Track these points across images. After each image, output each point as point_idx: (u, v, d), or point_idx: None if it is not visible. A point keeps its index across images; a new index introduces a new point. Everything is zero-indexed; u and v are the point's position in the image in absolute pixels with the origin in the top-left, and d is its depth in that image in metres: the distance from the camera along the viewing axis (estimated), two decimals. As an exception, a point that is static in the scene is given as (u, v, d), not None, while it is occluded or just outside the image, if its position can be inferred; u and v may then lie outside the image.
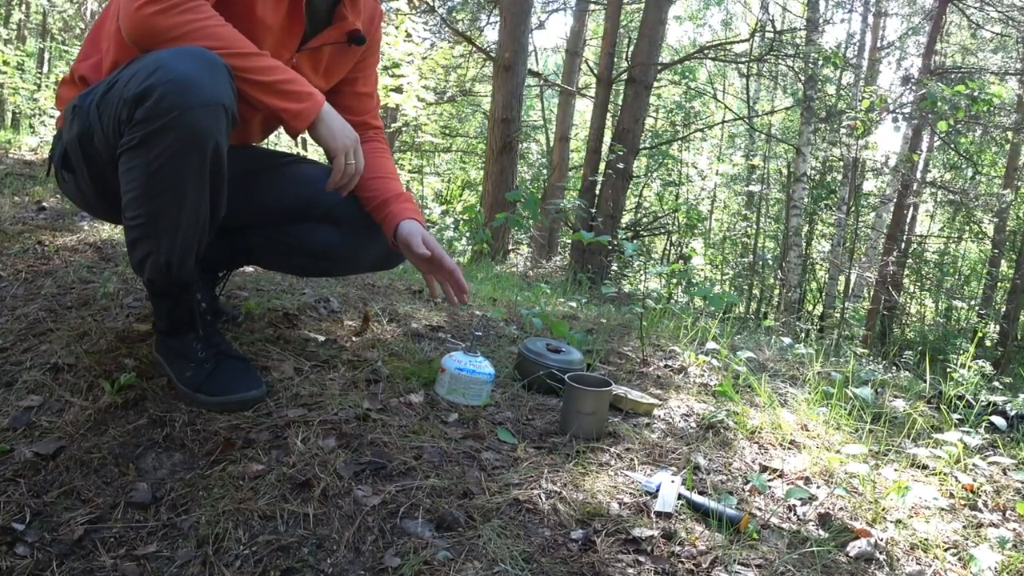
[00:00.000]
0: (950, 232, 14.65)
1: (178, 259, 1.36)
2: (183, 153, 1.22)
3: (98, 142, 1.30)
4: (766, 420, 1.70)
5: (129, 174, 1.26)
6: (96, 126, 1.29)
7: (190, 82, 1.18)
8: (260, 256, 1.77)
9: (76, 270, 2.07)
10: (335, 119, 1.40)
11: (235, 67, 1.27)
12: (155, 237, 1.32)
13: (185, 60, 1.20)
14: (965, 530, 1.35)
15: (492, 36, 10.94)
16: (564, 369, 1.69)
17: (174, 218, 1.29)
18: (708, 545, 1.17)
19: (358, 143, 1.44)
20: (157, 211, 1.29)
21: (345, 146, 1.41)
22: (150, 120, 1.19)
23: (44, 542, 1.12)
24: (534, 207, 4.02)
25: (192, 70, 1.19)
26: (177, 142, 1.21)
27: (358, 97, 1.69)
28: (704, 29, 17.57)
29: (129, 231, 1.34)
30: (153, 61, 1.20)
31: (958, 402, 2.00)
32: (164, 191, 1.26)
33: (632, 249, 2.45)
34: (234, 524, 1.15)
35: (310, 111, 1.35)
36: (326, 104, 1.39)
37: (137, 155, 1.23)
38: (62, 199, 2.98)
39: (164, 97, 1.18)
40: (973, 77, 8.41)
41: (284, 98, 1.33)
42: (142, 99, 1.19)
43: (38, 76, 11.32)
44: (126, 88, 1.21)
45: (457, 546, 1.12)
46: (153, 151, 1.22)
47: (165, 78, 1.18)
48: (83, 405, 1.41)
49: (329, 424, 1.40)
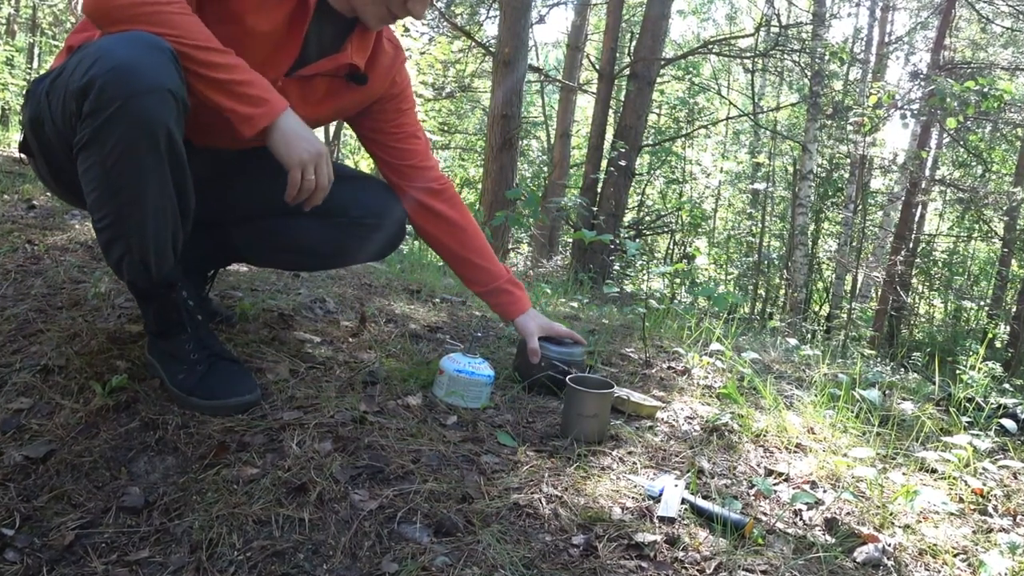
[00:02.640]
0: (959, 231, 14.64)
1: (155, 256, 1.33)
2: (134, 144, 1.19)
3: (49, 131, 1.29)
4: (771, 423, 1.70)
5: (87, 175, 1.24)
6: (46, 115, 1.27)
7: (130, 69, 1.15)
8: (246, 253, 1.76)
9: (67, 270, 2.07)
10: (293, 128, 1.32)
11: (186, 57, 1.22)
12: (125, 236, 1.29)
13: (125, 46, 1.17)
14: (975, 535, 1.35)
15: (492, 31, 10.94)
16: (566, 360, 1.69)
17: (140, 214, 1.27)
18: (712, 551, 1.17)
19: (322, 157, 1.36)
20: (121, 209, 1.26)
21: (301, 160, 1.33)
22: (96, 113, 1.17)
23: (34, 547, 1.12)
24: (535, 205, 4.02)
25: (132, 56, 1.16)
26: (126, 133, 1.18)
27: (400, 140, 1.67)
28: (708, 23, 17.57)
29: (100, 233, 1.32)
30: (95, 50, 1.18)
31: (967, 404, 2.00)
32: (124, 187, 1.23)
33: (635, 248, 2.45)
34: (228, 529, 1.15)
35: (261, 117, 1.28)
36: (286, 113, 1.32)
37: (91, 153, 1.21)
38: (52, 197, 2.98)
39: (105, 88, 1.15)
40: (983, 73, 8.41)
41: (235, 99, 1.27)
42: (85, 91, 1.16)
43: (28, 71, 11.32)
44: (71, 78, 1.19)
45: (456, 551, 1.12)
46: (105, 147, 1.19)
47: (105, 67, 1.15)
48: (74, 408, 1.41)
49: (325, 427, 1.40)
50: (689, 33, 18.62)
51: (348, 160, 10.60)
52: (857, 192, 11.93)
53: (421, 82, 7.59)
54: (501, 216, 3.49)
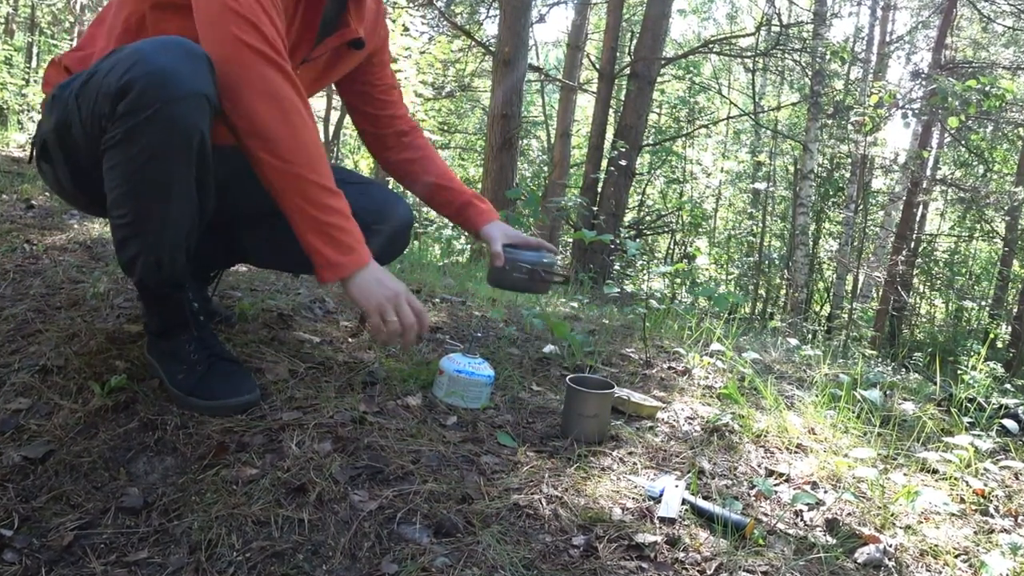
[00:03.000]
0: (961, 231, 14.65)
1: (169, 257, 1.35)
2: (167, 147, 1.22)
3: (76, 134, 1.30)
4: (772, 423, 1.70)
5: (113, 171, 1.25)
6: (74, 118, 1.28)
7: (171, 74, 1.17)
8: (252, 254, 1.77)
9: (65, 270, 2.07)
10: (372, 278, 1.36)
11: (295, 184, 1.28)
12: (143, 235, 1.31)
13: (166, 51, 1.19)
14: (976, 536, 1.35)
15: (491, 30, 10.94)
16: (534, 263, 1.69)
17: (162, 214, 1.29)
18: (713, 551, 1.17)
19: (400, 296, 1.38)
20: (144, 208, 1.28)
21: (379, 304, 1.36)
22: (131, 114, 1.18)
23: (33, 548, 1.12)
24: (535, 205, 4.02)
25: (172, 61, 1.18)
26: (161, 136, 1.20)
27: (383, 91, 1.75)
28: (709, 23, 17.58)
29: (116, 230, 1.33)
30: (132, 53, 1.19)
31: (969, 405, 2.00)
32: (150, 187, 1.26)
33: (635, 248, 2.45)
34: (227, 530, 1.15)
35: (344, 267, 1.32)
36: (369, 265, 1.35)
37: (120, 152, 1.23)
38: (51, 197, 2.99)
39: (145, 91, 1.17)
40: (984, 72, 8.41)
41: (326, 241, 1.31)
42: (123, 93, 1.18)
43: (26, 71, 11.32)
44: (105, 81, 1.20)
45: (456, 552, 1.12)
46: (136, 146, 1.21)
47: (145, 70, 1.17)
48: (73, 408, 1.41)
49: (324, 427, 1.40)
50: (689, 32, 18.63)
51: (347, 160, 10.60)
52: (858, 192, 11.93)
53: (421, 81, 7.59)
54: (502, 216, 3.49)
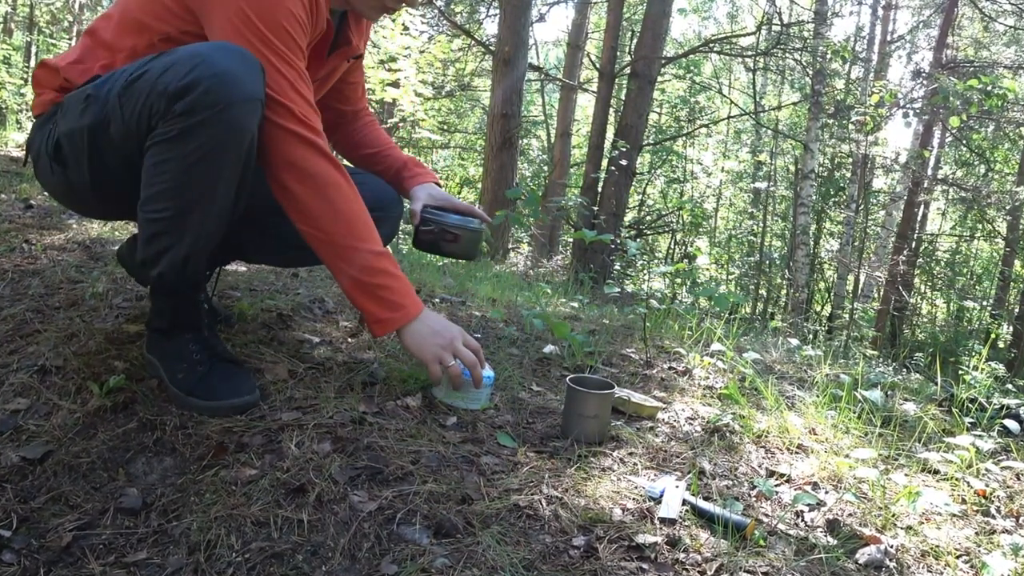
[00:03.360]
0: (962, 231, 14.65)
1: (197, 255, 1.38)
2: (222, 148, 1.25)
3: (115, 132, 1.31)
4: (773, 424, 1.71)
5: (161, 166, 1.27)
6: (116, 116, 1.29)
7: (233, 77, 1.21)
8: (249, 251, 1.77)
9: (64, 269, 2.07)
10: (426, 327, 1.44)
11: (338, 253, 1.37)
12: (180, 231, 1.33)
13: (227, 55, 1.23)
14: (977, 537, 1.35)
15: (491, 29, 10.95)
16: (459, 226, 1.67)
17: (203, 213, 1.32)
18: (713, 552, 1.17)
19: (455, 341, 1.46)
20: (188, 205, 1.30)
21: (435, 355, 1.44)
22: (192, 113, 1.21)
23: (31, 549, 1.12)
24: (535, 205, 4.01)
25: (232, 65, 1.22)
26: (217, 136, 1.23)
27: (352, 88, 1.79)
28: (709, 22, 17.58)
29: (150, 224, 1.35)
30: (193, 55, 1.22)
31: (970, 405, 2.00)
32: (198, 185, 1.28)
33: (635, 248, 2.45)
34: (226, 530, 1.15)
35: (394, 322, 1.41)
36: (421, 316, 1.44)
37: (172, 148, 1.25)
38: (49, 197, 2.98)
39: (209, 92, 1.20)
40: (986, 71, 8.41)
41: (375, 302, 1.40)
42: (184, 92, 1.20)
43: (25, 70, 11.32)
44: (161, 80, 1.22)
45: (456, 553, 1.12)
46: (191, 144, 1.24)
47: (209, 72, 1.20)
48: (71, 408, 1.41)
49: (324, 428, 1.40)
50: (690, 31, 18.63)
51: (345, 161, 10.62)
52: (859, 191, 11.94)
53: (420, 80, 7.58)
54: (501, 215, 3.48)
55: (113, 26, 1.43)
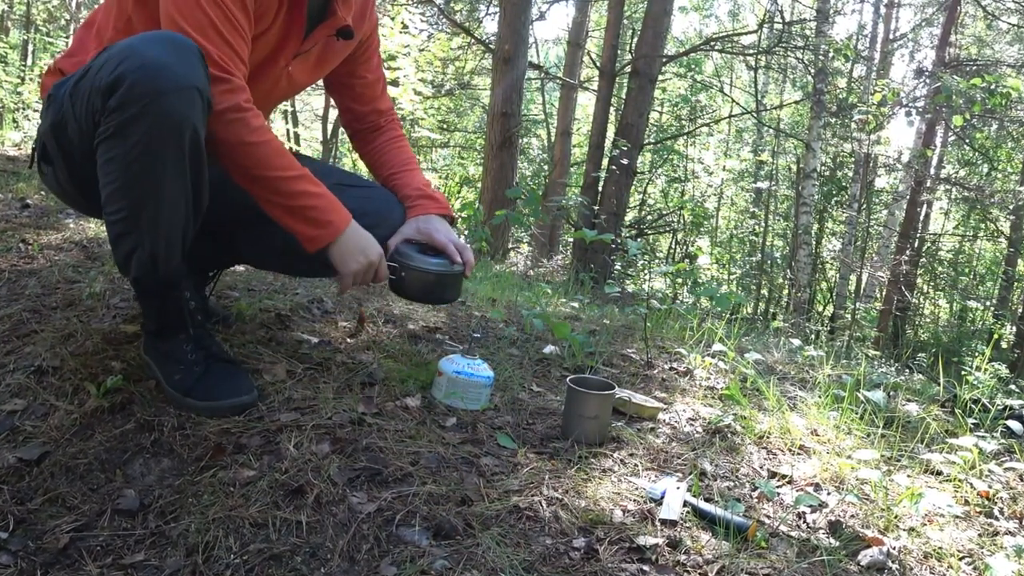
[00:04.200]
0: (965, 230, 14.65)
1: (164, 253, 1.36)
2: (159, 140, 1.23)
3: (72, 132, 1.31)
4: (775, 424, 1.71)
5: (107, 166, 1.27)
6: (69, 115, 1.30)
7: (161, 67, 1.19)
8: (248, 255, 1.77)
9: (61, 269, 2.07)
10: (351, 243, 1.45)
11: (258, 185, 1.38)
12: (138, 231, 1.32)
13: (156, 45, 1.21)
14: (980, 538, 1.35)
15: (491, 27, 10.95)
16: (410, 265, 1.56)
17: (155, 209, 1.30)
18: (714, 554, 1.17)
19: (372, 266, 1.49)
20: (137, 202, 1.29)
21: (353, 272, 1.47)
22: (123, 108, 1.20)
23: (28, 550, 1.12)
24: (535, 204, 4.02)
25: (162, 55, 1.20)
26: (152, 129, 1.21)
27: (366, 85, 1.74)
28: (710, 20, 17.57)
29: (112, 227, 1.34)
30: (124, 48, 1.21)
31: (973, 406, 2.00)
32: (143, 181, 1.27)
33: (636, 248, 2.45)
34: (224, 532, 1.15)
35: (323, 239, 1.43)
36: (347, 230, 1.44)
37: (113, 145, 1.24)
38: (47, 196, 2.98)
39: (136, 84, 1.18)
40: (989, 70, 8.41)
41: (302, 222, 1.41)
42: (114, 87, 1.19)
43: (22, 69, 11.31)
44: (98, 76, 1.22)
45: (455, 555, 1.12)
46: (129, 140, 1.22)
47: (135, 64, 1.19)
48: (68, 409, 1.41)
49: (323, 429, 1.40)
50: (691, 30, 18.63)
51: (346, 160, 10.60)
52: (861, 191, 11.93)
53: (420, 79, 7.58)
54: (501, 215, 3.48)
55: (102, 11, 1.46)
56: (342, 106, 1.78)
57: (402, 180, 1.72)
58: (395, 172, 1.74)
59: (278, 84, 1.57)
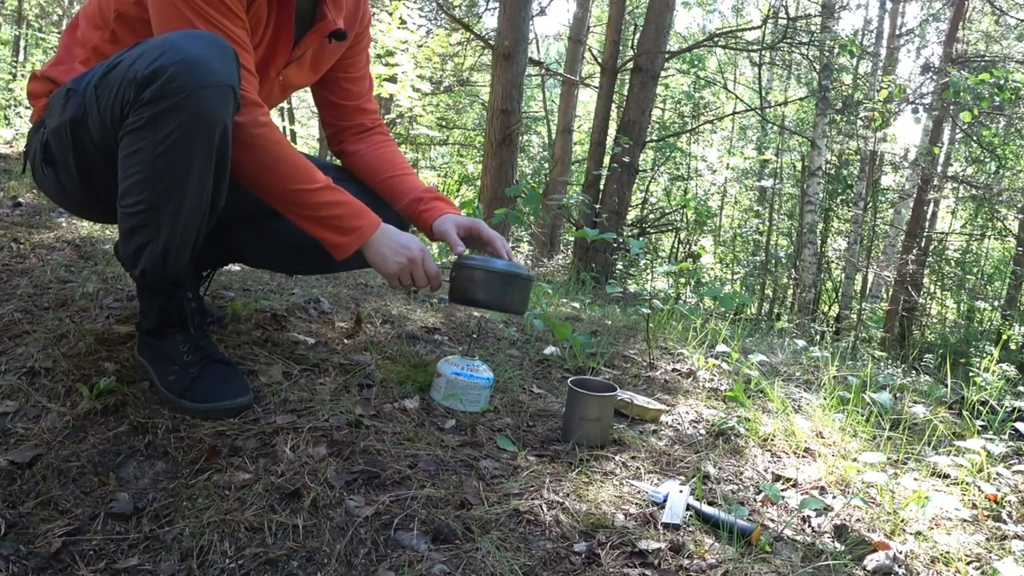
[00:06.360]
0: (972, 229, 14.65)
1: (176, 249, 1.37)
2: (192, 135, 1.24)
3: (92, 125, 1.31)
4: (779, 427, 1.71)
5: (133, 157, 1.27)
6: (92, 108, 1.30)
7: (201, 63, 1.21)
8: (246, 253, 1.77)
9: (53, 269, 2.07)
10: (385, 243, 1.46)
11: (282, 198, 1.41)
12: (156, 224, 1.33)
13: (196, 42, 1.23)
14: (988, 542, 1.35)
15: (491, 23, 10.97)
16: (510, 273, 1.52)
17: (178, 203, 1.31)
18: (718, 558, 1.17)
19: (416, 262, 1.48)
20: (161, 196, 1.30)
21: (398, 269, 1.47)
22: (159, 100, 1.21)
23: (20, 555, 1.12)
24: (535, 203, 4.02)
25: (202, 52, 1.22)
26: (186, 123, 1.23)
27: (351, 81, 1.73)
28: (714, 15, 17.61)
29: (127, 218, 1.35)
30: (162, 42, 1.22)
31: (981, 408, 2.00)
32: (170, 174, 1.28)
33: (638, 247, 2.45)
34: (219, 536, 1.15)
35: (350, 245, 1.44)
36: (379, 229, 1.46)
37: (143, 136, 1.25)
38: (39, 194, 2.99)
39: (175, 77, 1.20)
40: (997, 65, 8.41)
41: (328, 231, 1.43)
42: (151, 79, 1.20)
43: (13, 65, 11.32)
44: (131, 69, 1.23)
45: (454, 559, 1.12)
46: (160, 132, 1.23)
47: (175, 58, 1.20)
48: (60, 411, 1.41)
49: (320, 431, 1.40)
50: (694, 25, 18.66)
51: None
52: (867, 189, 11.93)
53: (419, 76, 7.58)
54: (501, 214, 3.48)
55: (83, 18, 1.47)
56: (321, 99, 1.76)
57: (407, 183, 1.70)
58: (395, 175, 1.72)
59: (271, 94, 1.59)
